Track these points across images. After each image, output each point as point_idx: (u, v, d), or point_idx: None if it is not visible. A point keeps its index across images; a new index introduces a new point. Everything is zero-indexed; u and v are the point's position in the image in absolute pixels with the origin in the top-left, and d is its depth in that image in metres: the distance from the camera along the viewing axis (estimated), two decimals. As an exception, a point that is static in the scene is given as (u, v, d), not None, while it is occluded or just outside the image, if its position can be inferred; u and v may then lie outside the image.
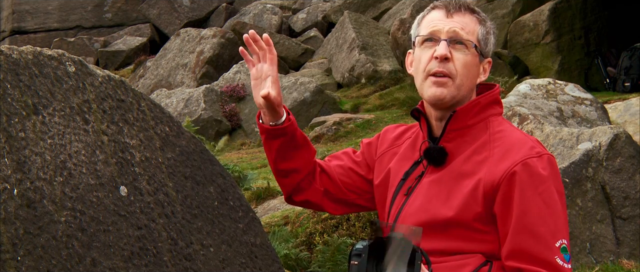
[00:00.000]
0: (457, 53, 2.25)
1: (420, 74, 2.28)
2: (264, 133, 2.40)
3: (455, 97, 2.25)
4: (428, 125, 2.33)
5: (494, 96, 2.33)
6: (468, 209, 2.17)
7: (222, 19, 19.45)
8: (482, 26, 2.30)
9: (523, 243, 2.13)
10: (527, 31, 12.81)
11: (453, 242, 2.19)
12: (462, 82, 2.25)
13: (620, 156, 5.15)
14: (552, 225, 2.14)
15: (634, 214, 5.12)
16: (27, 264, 2.31)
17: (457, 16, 2.27)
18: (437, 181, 2.26)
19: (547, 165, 2.18)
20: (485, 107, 2.30)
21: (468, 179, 2.20)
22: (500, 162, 2.18)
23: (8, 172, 2.34)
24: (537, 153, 2.18)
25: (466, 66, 2.25)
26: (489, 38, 2.32)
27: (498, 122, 2.29)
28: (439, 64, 2.23)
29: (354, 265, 1.93)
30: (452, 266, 2.17)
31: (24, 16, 21.19)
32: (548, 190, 2.15)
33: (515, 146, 2.20)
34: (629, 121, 7.30)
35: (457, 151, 2.26)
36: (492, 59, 2.43)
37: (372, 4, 17.15)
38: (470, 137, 2.26)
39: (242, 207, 3.01)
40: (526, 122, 5.57)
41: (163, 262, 2.65)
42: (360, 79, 13.35)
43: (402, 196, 2.32)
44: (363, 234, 5.33)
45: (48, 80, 2.56)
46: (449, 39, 2.24)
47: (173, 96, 12.17)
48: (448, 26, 2.26)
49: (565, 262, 2.13)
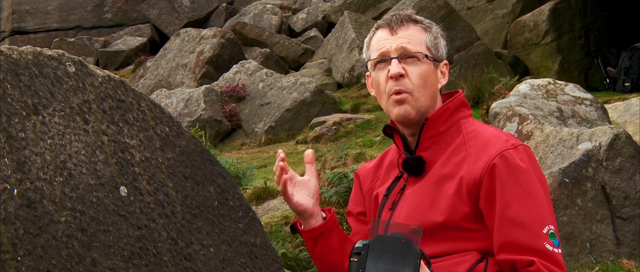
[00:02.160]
0: (410, 67, 2.28)
1: (383, 96, 2.32)
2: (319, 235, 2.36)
3: (419, 110, 2.29)
4: (402, 139, 2.35)
5: (461, 100, 2.36)
6: (456, 210, 2.19)
7: (222, 19, 19.45)
8: (428, 33, 2.33)
9: (511, 235, 2.15)
10: (527, 31, 12.81)
11: (446, 244, 2.20)
12: (421, 94, 2.28)
13: (620, 156, 5.15)
14: (536, 213, 2.16)
15: (634, 214, 5.12)
16: (27, 264, 2.31)
17: (401, 31, 2.31)
18: (419, 190, 2.28)
19: (525, 155, 2.21)
20: (454, 112, 2.33)
21: (449, 181, 2.22)
22: (479, 159, 2.20)
23: (8, 172, 2.34)
24: (513, 145, 2.21)
25: (422, 77, 2.28)
26: (438, 42, 2.34)
27: (469, 123, 2.33)
28: (396, 82, 2.27)
29: (354, 262, 1.94)
30: (448, 265, 2.18)
31: (24, 16, 21.19)
32: (528, 179, 2.18)
33: (490, 141, 2.23)
34: (629, 121, 7.30)
35: (434, 158, 2.29)
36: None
37: (372, 4, 17.16)
38: (445, 143, 2.29)
39: (242, 207, 3.01)
40: (526, 122, 5.57)
41: (163, 262, 2.65)
42: (360, 79, 13.35)
43: (387, 211, 2.34)
44: (363, 234, 5.32)
45: (48, 81, 2.57)
46: (398, 55, 2.28)
47: (173, 96, 12.17)
48: (395, 44, 2.29)
49: (554, 247, 2.15)
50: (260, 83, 12.42)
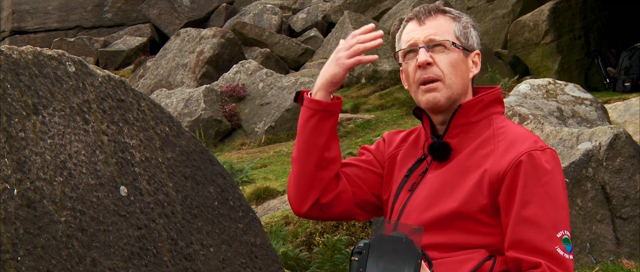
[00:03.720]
0: (438, 55, 2.29)
1: (413, 86, 2.32)
2: (321, 110, 2.33)
3: (450, 98, 2.29)
4: (431, 123, 2.35)
5: (497, 95, 2.36)
6: (473, 200, 2.19)
7: (222, 19, 19.46)
8: (457, 22, 2.34)
9: (524, 233, 2.14)
10: (527, 31, 12.81)
11: (457, 235, 2.20)
12: (453, 81, 2.28)
13: (620, 156, 5.15)
14: (554, 216, 2.16)
15: (634, 214, 5.12)
16: (27, 264, 2.31)
17: (429, 22, 2.32)
18: (441, 176, 2.28)
19: (551, 159, 2.21)
20: (488, 105, 2.33)
21: (473, 172, 2.22)
22: (506, 154, 2.21)
23: (8, 172, 2.34)
24: (541, 147, 2.22)
25: (451, 64, 2.28)
26: (468, 32, 2.35)
27: (501, 120, 2.33)
28: (423, 71, 2.27)
29: (355, 261, 1.94)
30: (456, 261, 2.18)
31: (24, 16, 21.19)
32: (551, 182, 2.18)
33: (519, 139, 2.24)
34: (629, 121, 7.31)
35: (460, 147, 2.29)
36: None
37: (372, 4, 17.16)
38: (474, 133, 2.29)
39: (242, 207, 3.01)
40: (526, 122, 5.57)
41: (163, 262, 2.65)
42: (360, 79, 13.36)
43: (405, 192, 2.33)
44: (363, 234, 5.33)
45: (48, 80, 2.56)
46: (426, 45, 2.28)
47: (173, 96, 12.17)
48: (423, 34, 2.30)
49: (566, 253, 2.14)
50: (260, 83, 12.42)
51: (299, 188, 2.40)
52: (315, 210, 2.41)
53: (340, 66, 2.33)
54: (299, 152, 2.39)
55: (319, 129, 2.36)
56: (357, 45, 2.34)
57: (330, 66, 2.35)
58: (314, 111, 2.35)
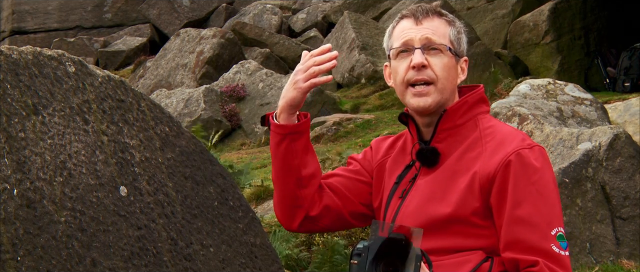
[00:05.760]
0: (433, 58, 2.27)
1: (401, 86, 2.30)
2: (288, 134, 2.33)
3: (439, 102, 2.28)
4: (417, 128, 2.35)
5: (480, 95, 2.35)
6: (465, 204, 2.18)
7: (222, 19, 19.45)
8: (452, 27, 2.33)
9: (518, 233, 2.14)
10: (527, 31, 12.81)
11: (452, 239, 2.19)
12: (444, 85, 2.27)
13: (620, 156, 5.15)
14: (546, 214, 2.16)
15: (634, 214, 5.12)
16: (27, 264, 2.31)
17: (426, 22, 2.30)
18: (431, 181, 2.27)
19: (539, 156, 2.20)
20: (473, 106, 2.32)
21: (463, 176, 2.22)
22: (494, 155, 2.20)
23: (8, 172, 2.34)
24: (529, 145, 2.21)
25: (445, 69, 2.28)
26: (460, 38, 2.34)
27: (487, 120, 2.32)
28: (417, 72, 2.26)
29: (354, 264, 1.93)
30: (454, 263, 2.17)
31: (24, 16, 21.19)
32: (541, 179, 2.17)
33: (507, 138, 2.23)
34: (629, 121, 7.31)
35: (448, 151, 2.28)
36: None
37: (372, 4, 17.16)
38: (461, 136, 2.29)
39: (242, 207, 3.01)
40: (526, 122, 5.57)
41: (163, 262, 2.65)
42: (360, 79, 13.36)
43: (397, 199, 2.33)
44: (363, 235, 5.33)
45: (48, 81, 2.56)
46: (422, 46, 2.27)
47: (173, 96, 12.17)
48: (419, 34, 2.28)
49: (561, 249, 2.14)
50: (260, 83, 12.42)
51: (284, 208, 2.42)
52: (306, 224, 2.42)
53: (297, 90, 2.31)
54: (277, 174, 2.40)
55: (291, 151, 2.35)
56: (312, 68, 2.31)
57: (289, 89, 2.33)
58: (282, 136, 2.35)
